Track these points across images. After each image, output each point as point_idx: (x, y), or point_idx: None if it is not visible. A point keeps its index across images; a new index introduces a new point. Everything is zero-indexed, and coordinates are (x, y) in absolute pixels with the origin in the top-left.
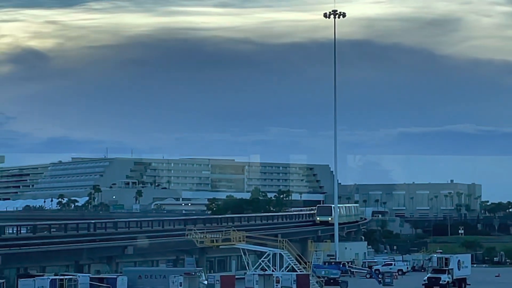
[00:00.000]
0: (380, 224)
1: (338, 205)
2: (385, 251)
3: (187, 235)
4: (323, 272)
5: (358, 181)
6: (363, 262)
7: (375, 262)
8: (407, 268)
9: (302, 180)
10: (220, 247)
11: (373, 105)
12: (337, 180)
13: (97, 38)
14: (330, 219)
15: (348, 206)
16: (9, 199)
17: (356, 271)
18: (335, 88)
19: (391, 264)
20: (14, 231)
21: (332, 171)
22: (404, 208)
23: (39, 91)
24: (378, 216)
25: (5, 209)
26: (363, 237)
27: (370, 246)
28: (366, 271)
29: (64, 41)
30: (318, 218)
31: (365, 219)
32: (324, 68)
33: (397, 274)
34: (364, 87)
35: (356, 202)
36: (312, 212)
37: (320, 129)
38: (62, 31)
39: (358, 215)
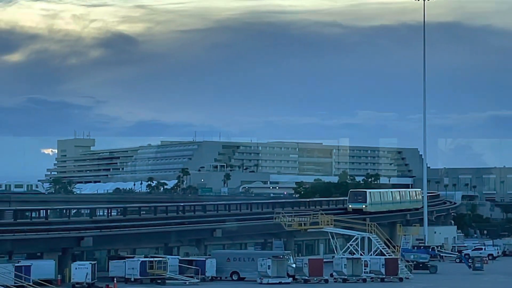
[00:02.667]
0: (470, 208)
1: (388, 190)
2: (475, 235)
3: (275, 218)
4: (412, 256)
5: (448, 165)
6: (452, 246)
7: (465, 246)
8: (498, 253)
9: (390, 163)
10: (308, 230)
11: (463, 88)
12: (426, 163)
13: (186, 22)
14: (364, 206)
15: (400, 191)
16: (99, 181)
17: (445, 256)
18: (425, 71)
19: (481, 249)
20: (105, 214)
21: (421, 155)
22: (495, 192)
23: (129, 75)
24: (468, 200)
25: (96, 192)
26: (452, 221)
27: (459, 231)
28: (455, 256)
29: (153, 25)
30: (350, 206)
31: (454, 203)
32: (413, 50)
33: (487, 259)
34: (454, 70)
35: (445, 186)
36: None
37: (410, 113)
38: (151, 15)
39: (416, 201)
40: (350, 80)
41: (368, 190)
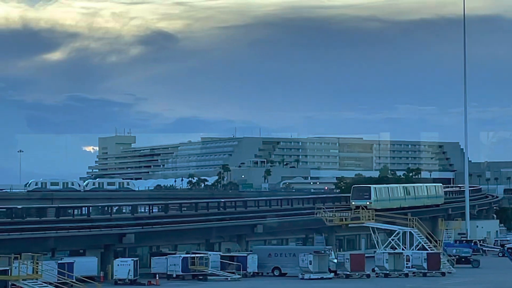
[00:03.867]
0: None
1: (398, 185)
2: None
3: (316, 214)
4: (454, 251)
5: (490, 159)
6: (495, 240)
7: (507, 240)
8: None
9: (432, 158)
10: (349, 225)
11: (504, 81)
12: (468, 157)
13: (225, 19)
14: (368, 203)
15: (416, 186)
16: (140, 178)
17: (488, 250)
18: (465, 65)
19: None
20: (147, 210)
21: (462, 149)
22: None
23: (169, 72)
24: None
25: (137, 189)
26: (495, 215)
27: (502, 225)
28: (498, 250)
29: (192, 22)
30: (353, 203)
31: (496, 196)
32: (452, 44)
33: None
34: (494, 62)
35: (487, 179)
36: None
37: (451, 106)
38: (190, 12)
39: (436, 197)
40: (390, 75)
41: (373, 186)
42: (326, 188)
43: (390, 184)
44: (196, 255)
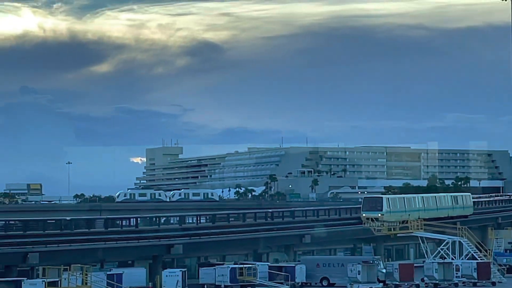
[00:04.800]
0: None
1: (416, 195)
2: None
3: (364, 224)
4: (504, 260)
5: None
6: None
7: None
8: None
9: (480, 166)
10: (398, 235)
11: None
12: None
13: (270, 29)
14: (380, 215)
15: (438, 196)
16: (188, 189)
17: None
18: None
19: None
20: (194, 221)
21: None
22: None
23: (215, 83)
24: None
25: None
26: None
27: None
28: None
29: (238, 32)
30: (364, 215)
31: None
32: (501, 52)
33: None
34: None
35: None
36: (491, 198)
37: (500, 114)
38: (235, 22)
39: (463, 207)
40: (437, 83)
41: (385, 196)
42: None
43: (406, 195)
44: (244, 265)
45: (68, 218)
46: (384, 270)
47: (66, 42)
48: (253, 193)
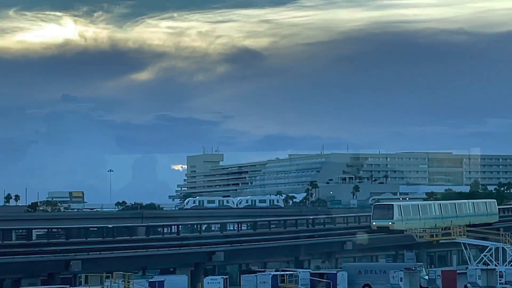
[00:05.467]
0: None
1: (432, 202)
2: None
3: (406, 230)
4: None
5: None
6: None
7: None
8: None
9: None
10: (440, 241)
11: None
12: None
13: (310, 35)
14: (390, 223)
15: (457, 203)
16: (229, 196)
17: None
18: None
19: None
20: (235, 228)
21: None
22: None
23: (255, 90)
24: None
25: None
26: None
27: None
28: None
29: (278, 39)
30: (374, 223)
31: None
32: None
33: None
34: None
35: None
36: None
37: None
38: (275, 29)
39: (487, 215)
40: (478, 88)
41: (396, 203)
42: None
43: (421, 202)
44: (286, 272)
45: (110, 225)
46: (426, 277)
47: (107, 50)
48: (294, 200)
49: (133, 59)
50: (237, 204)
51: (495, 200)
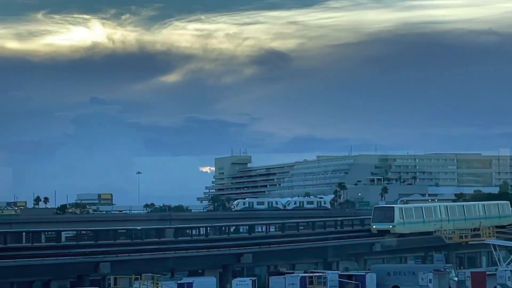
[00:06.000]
0: None
1: (438, 203)
2: None
3: (435, 232)
4: None
5: None
6: None
7: None
8: None
9: None
10: (470, 243)
11: None
12: None
13: (338, 37)
14: (391, 227)
15: (466, 205)
16: (257, 198)
17: None
18: None
19: None
20: (264, 229)
21: None
22: None
23: (283, 91)
24: None
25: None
26: None
27: None
28: None
29: (305, 41)
30: (374, 226)
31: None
32: None
33: None
34: None
35: None
36: None
37: None
38: (303, 31)
39: (499, 217)
40: (507, 88)
41: (398, 206)
42: None
43: (424, 204)
44: (314, 274)
45: (138, 227)
46: (456, 278)
47: (135, 53)
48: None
49: (161, 61)
50: (285, 206)
51: (508, 202)
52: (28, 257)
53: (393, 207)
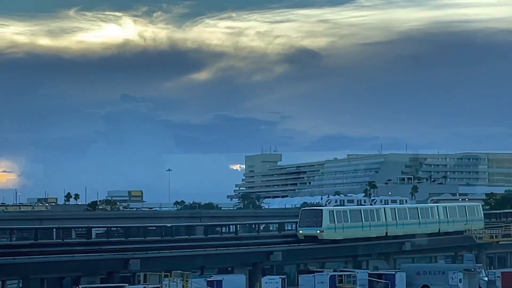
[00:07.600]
0: None
1: (382, 206)
2: None
3: (465, 231)
4: None
5: None
6: None
7: None
8: None
9: None
10: (500, 242)
11: None
12: None
13: (369, 35)
14: (318, 232)
15: (421, 207)
16: (287, 196)
17: None
18: None
19: None
20: (293, 228)
21: None
22: None
23: (314, 90)
24: None
25: (283, 206)
26: None
27: None
28: None
29: (336, 39)
30: (300, 232)
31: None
32: None
33: None
34: None
35: None
36: None
37: None
38: (333, 29)
39: (463, 221)
40: None
41: (326, 208)
42: None
43: (364, 206)
44: (344, 273)
45: (168, 224)
46: (486, 278)
47: (166, 50)
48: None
49: (192, 59)
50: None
51: (479, 204)
52: (58, 253)
53: (322, 209)
